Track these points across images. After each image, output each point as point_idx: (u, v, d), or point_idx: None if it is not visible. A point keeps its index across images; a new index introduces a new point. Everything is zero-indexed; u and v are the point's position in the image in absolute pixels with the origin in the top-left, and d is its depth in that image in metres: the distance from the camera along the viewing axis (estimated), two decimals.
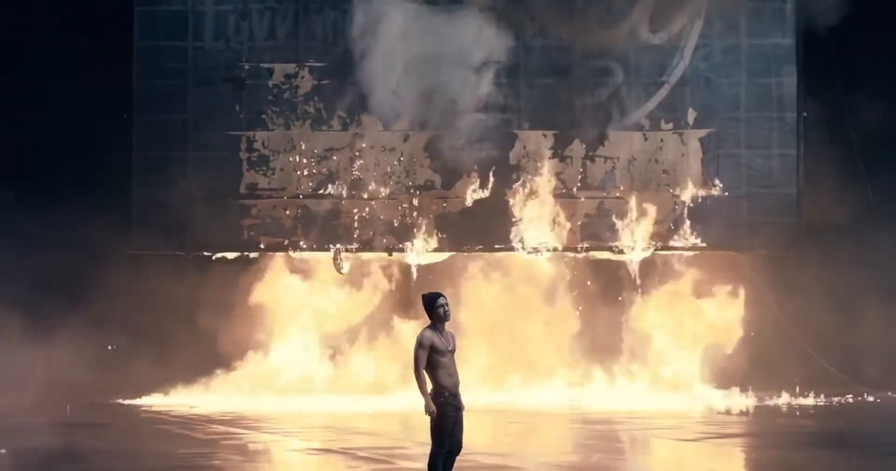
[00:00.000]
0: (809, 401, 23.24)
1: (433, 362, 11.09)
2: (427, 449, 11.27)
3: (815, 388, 23.69)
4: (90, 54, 23.69)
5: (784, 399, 23.33)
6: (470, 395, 12.02)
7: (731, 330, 24.50)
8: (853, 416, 21.23)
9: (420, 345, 11.09)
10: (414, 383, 11.18)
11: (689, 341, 24.53)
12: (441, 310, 11.15)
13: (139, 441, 17.80)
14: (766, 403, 23.02)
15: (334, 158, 24.76)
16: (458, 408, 11.16)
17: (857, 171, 24.70)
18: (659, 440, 17.91)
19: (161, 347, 23.48)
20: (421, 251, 24.55)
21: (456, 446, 11.19)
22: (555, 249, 24.63)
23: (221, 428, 19.23)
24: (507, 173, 24.71)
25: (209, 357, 23.72)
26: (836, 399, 23.29)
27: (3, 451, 15.44)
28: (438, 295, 11.24)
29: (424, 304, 11.22)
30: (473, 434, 12.95)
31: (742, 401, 23.24)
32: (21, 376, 22.12)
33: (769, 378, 23.86)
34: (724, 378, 24.15)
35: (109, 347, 24.14)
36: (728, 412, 21.74)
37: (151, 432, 19.04)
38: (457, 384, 11.18)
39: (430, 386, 11.11)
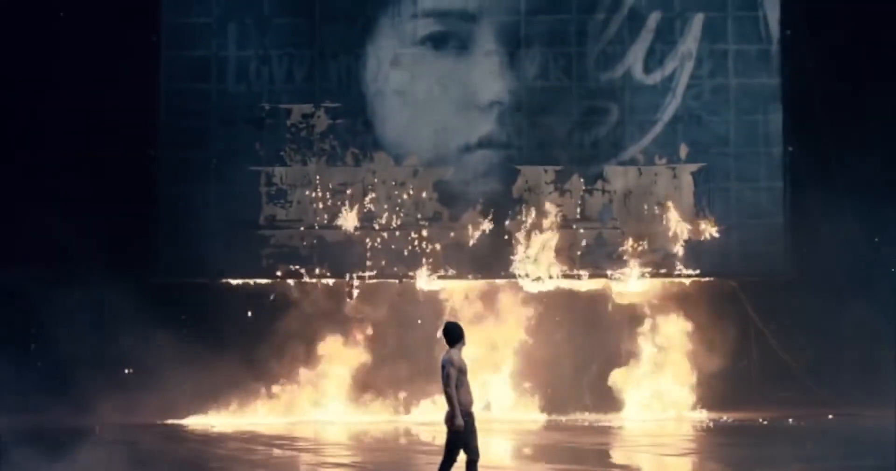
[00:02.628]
0: (794, 421, 24.54)
1: (458, 381, 12.90)
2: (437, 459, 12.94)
3: (801, 408, 25.02)
4: (121, 95, 25.27)
5: (769, 419, 24.68)
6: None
7: (720, 353, 25.74)
8: (835, 435, 22.53)
9: (453, 365, 12.95)
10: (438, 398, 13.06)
11: (680, 364, 25.94)
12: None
13: (165, 458, 19.50)
14: (753, 423, 24.43)
15: (348, 192, 26.05)
16: (474, 421, 12.96)
17: (841, 202, 25.65)
18: (642, 455, 19.49)
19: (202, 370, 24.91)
20: (429, 279, 25.91)
21: (476, 454, 12.93)
22: (555, 278, 25.92)
23: (245, 445, 20.88)
24: (510, 206, 25.97)
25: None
26: (819, 419, 24.57)
27: None
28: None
29: (455, 331, 13.16)
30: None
31: (730, 421, 24.74)
32: None
33: (757, 400, 25.34)
34: (713, 400, 25.59)
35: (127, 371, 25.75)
36: (715, 431, 23.27)
37: (176, 450, 20.65)
38: (472, 402, 12.98)
39: None
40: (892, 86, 25.44)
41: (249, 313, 25.80)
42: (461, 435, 12.90)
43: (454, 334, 13.13)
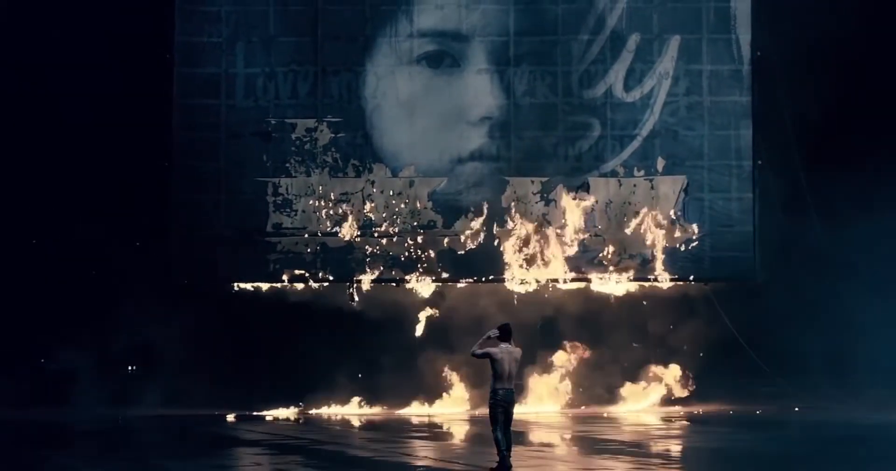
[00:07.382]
0: (761, 413, 26.74)
1: None
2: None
3: (769, 402, 27.25)
4: (137, 109, 27.25)
5: (738, 412, 26.92)
6: None
7: (693, 350, 28.12)
8: (801, 426, 24.44)
9: None
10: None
11: (656, 359, 28.25)
12: None
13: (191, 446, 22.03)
14: (719, 415, 26.77)
15: (349, 201, 27.91)
16: None
17: (806, 211, 27.84)
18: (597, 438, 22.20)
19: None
20: (424, 283, 27.96)
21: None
22: (541, 282, 28.00)
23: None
24: (500, 214, 27.84)
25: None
26: (784, 411, 26.66)
27: None
28: None
29: (511, 329, 16.28)
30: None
31: (702, 413, 27.14)
32: None
33: (725, 393, 27.57)
34: (688, 391, 28.03)
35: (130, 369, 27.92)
36: (686, 422, 25.61)
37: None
38: None
39: None
40: (854, 103, 27.38)
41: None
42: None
43: (510, 332, 16.16)
